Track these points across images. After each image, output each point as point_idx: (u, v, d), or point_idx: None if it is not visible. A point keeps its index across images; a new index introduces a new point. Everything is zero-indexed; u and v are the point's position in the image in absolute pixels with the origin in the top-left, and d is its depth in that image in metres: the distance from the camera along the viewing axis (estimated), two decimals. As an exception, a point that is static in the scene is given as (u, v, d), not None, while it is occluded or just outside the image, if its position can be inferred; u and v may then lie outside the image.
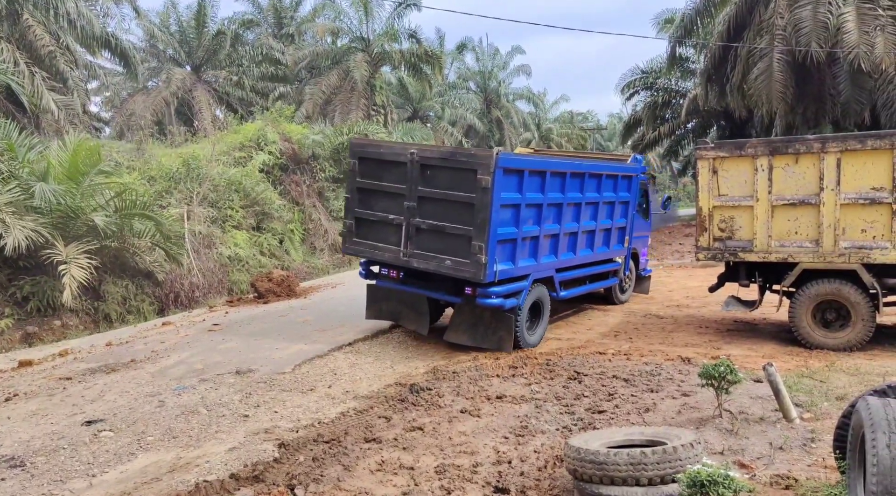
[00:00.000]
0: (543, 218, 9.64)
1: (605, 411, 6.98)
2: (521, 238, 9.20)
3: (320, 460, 5.79)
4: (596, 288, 12.19)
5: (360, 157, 9.96)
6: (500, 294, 9.04)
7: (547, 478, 5.38)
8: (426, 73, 31.29)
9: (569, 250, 10.58)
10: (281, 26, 35.54)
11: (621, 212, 12.06)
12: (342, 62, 30.22)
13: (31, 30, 17.48)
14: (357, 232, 10.09)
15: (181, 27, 32.49)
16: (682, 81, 33.09)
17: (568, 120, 55.82)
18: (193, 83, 31.03)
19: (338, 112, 29.24)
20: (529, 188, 9.22)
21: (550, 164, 9.96)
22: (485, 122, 41.10)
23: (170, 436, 6.47)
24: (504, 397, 7.52)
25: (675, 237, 27.24)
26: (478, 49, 41.92)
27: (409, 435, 6.40)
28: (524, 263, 9.46)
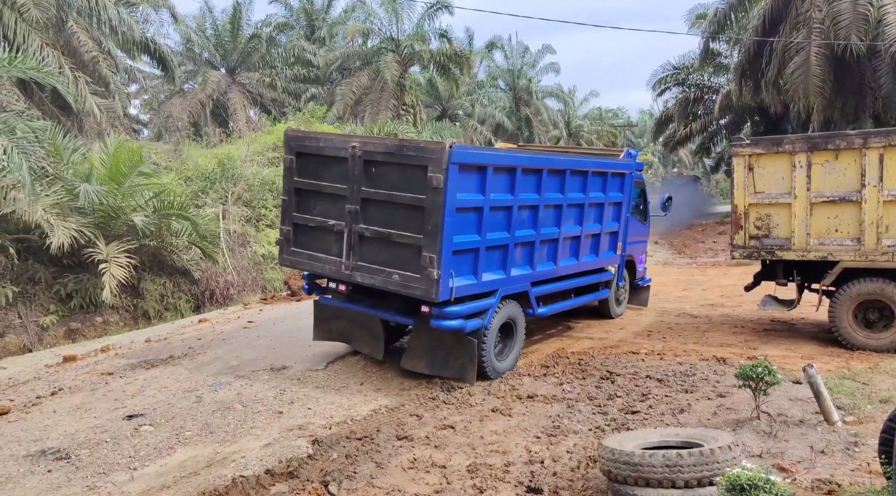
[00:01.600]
0: (514, 223, 8.18)
1: (639, 412, 6.92)
2: (484, 247, 7.77)
3: (353, 457, 5.85)
4: (584, 302, 10.51)
5: (297, 152, 8.45)
6: (460, 314, 7.57)
7: (580, 479, 5.35)
8: (455, 72, 31.32)
9: (548, 260, 9.08)
10: (313, 29, 35.90)
11: (612, 214, 10.47)
12: (372, 63, 30.44)
13: (76, 36, 17.94)
14: (295, 240, 8.62)
15: (217, 31, 33.06)
16: (715, 77, 32.57)
17: (597, 117, 55.32)
18: (228, 85, 31.55)
19: (368, 112, 29.45)
20: (495, 188, 7.79)
21: (521, 159, 8.45)
22: (514, 120, 40.93)
23: (207, 432, 6.59)
24: (535, 397, 7.50)
25: (709, 235, 26.84)
26: (507, 47, 41.76)
27: (441, 433, 6.42)
28: (490, 277, 8.00)
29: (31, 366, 9.20)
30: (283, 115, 29.40)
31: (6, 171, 10.17)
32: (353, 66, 31.73)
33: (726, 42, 27.97)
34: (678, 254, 23.07)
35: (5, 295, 10.77)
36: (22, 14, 15.55)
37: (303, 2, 36.01)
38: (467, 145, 8.44)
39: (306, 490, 5.17)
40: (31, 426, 6.70)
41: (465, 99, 37.91)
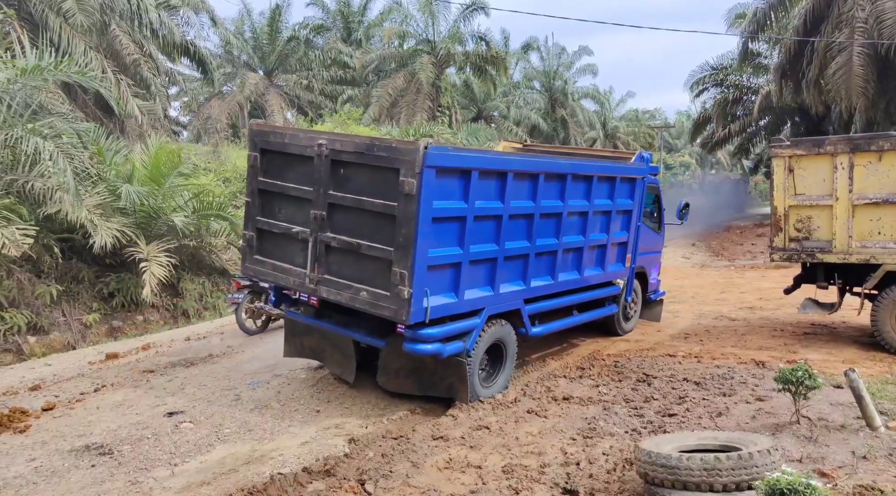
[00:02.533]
0: (504, 234, 7.34)
1: (676, 414, 6.85)
2: (468, 261, 6.93)
3: (389, 456, 5.90)
4: (588, 319, 9.53)
5: (262, 148, 7.63)
6: (436, 337, 6.74)
7: (616, 481, 5.32)
8: (491, 73, 31.32)
9: (545, 274, 8.26)
10: (349, 31, 36.24)
11: (621, 223, 9.61)
12: (408, 65, 30.61)
13: (118, 39, 18.38)
14: (259, 247, 7.80)
15: (255, 33, 33.60)
16: (754, 77, 31.99)
17: (634, 118, 54.79)
18: (266, 87, 32.03)
19: (403, 114, 29.62)
20: (481, 195, 6.93)
21: (511, 162, 7.48)
22: (549, 122, 40.75)
23: (245, 429, 6.72)
24: (571, 398, 7.47)
25: (747, 237, 26.36)
26: (543, 48, 41.60)
27: (476, 433, 6.44)
28: (475, 294, 7.16)
29: (75, 363, 9.48)
30: (319, 117, 29.73)
31: (52, 173, 10.48)
32: (388, 68, 31.95)
33: (766, 42, 27.47)
34: (716, 257, 22.71)
35: (50, 293, 11.09)
36: (67, 19, 16.00)
37: (339, 4, 36.39)
38: (447, 146, 7.36)
39: (343, 488, 5.24)
40: (76, 422, 6.90)
41: (500, 100, 37.88)
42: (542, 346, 9.74)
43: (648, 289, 11.22)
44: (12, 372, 9.09)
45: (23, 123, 10.33)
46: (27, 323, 10.54)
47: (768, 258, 10.48)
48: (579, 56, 42.46)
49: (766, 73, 30.36)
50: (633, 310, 10.99)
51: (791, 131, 30.75)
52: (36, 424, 6.79)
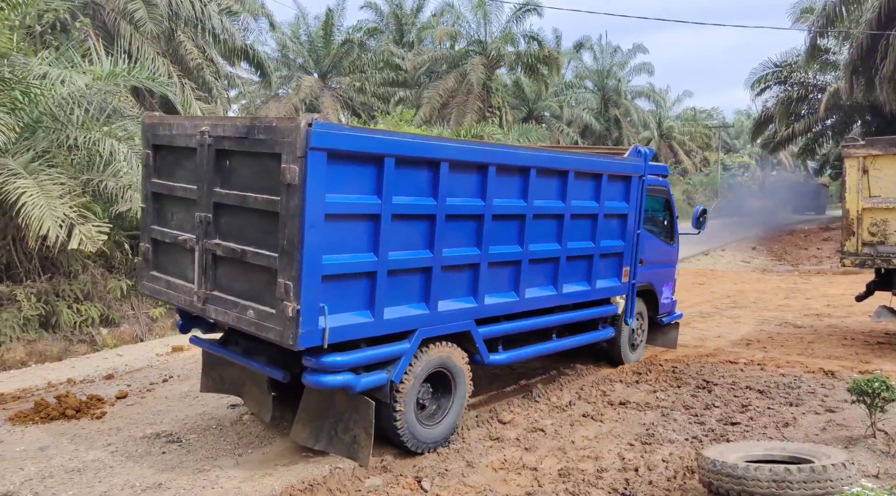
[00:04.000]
0: (440, 238, 5.92)
1: (739, 423, 6.67)
2: (385, 271, 5.52)
3: (444, 455, 5.93)
4: (573, 344, 7.98)
5: (153, 144, 6.42)
6: (344, 366, 5.38)
7: (677, 489, 5.21)
8: (543, 73, 31.10)
9: (506, 289, 6.81)
10: (402, 33, 36.53)
11: (613, 230, 8.07)
12: (459, 66, 30.66)
13: (183, 45, 19.01)
14: (155, 260, 6.58)
15: (310, 37, 34.19)
16: (821, 74, 30.83)
17: (691, 117, 53.56)
18: (321, 90, 32.55)
19: (454, 115, 29.69)
20: (402, 188, 5.57)
21: (445, 149, 5.97)
22: (602, 121, 40.21)
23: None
24: (628, 403, 7.35)
25: (812, 241, 25.46)
26: (596, 47, 41.11)
27: (531, 436, 6.40)
28: (400, 313, 5.75)
29: (144, 354, 9.81)
30: (372, 118, 30.06)
31: (124, 173, 10.89)
32: (440, 70, 32.07)
33: (835, 37, 26.45)
34: (778, 261, 22.01)
35: (120, 288, 11.51)
36: (138, 28, 16.62)
37: (392, 6, 36.71)
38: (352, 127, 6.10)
39: (400, 484, 5.28)
40: (147, 410, 7.15)
41: (552, 100, 37.56)
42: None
43: (660, 310, 9.44)
44: (87, 361, 9.49)
45: (99, 126, 10.76)
46: (100, 315, 10.96)
47: (837, 263, 10.10)
48: (633, 54, 41.79)
49: (834, 70, 29.25)
50: (639, 337, 9.22)
51: (861, 130, 29.51)
52: (111, 411, 7.06)
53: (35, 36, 13.74)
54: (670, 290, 9.74)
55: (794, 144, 35.01)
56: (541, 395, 7.60)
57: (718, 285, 16.63)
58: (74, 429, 6.55)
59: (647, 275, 8.89)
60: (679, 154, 48.57)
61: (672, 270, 9.87)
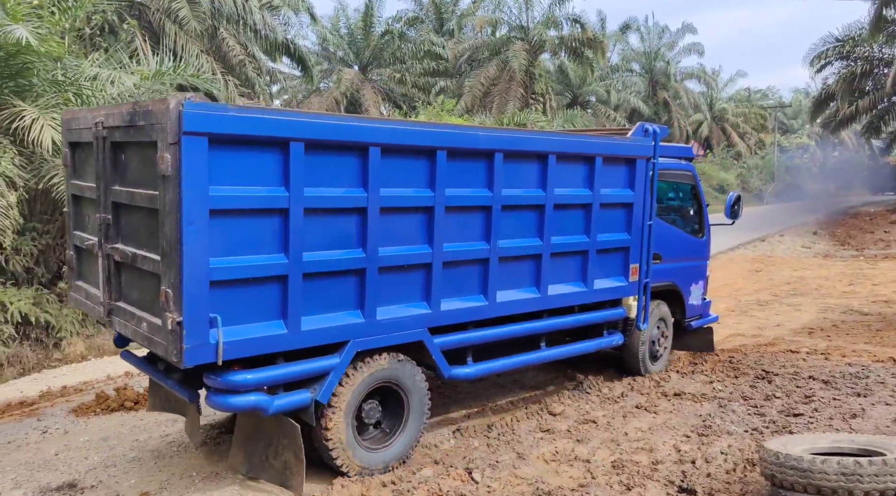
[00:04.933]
0: (374, 235, 5.11)
1: (802, 414, 6.40)
2: (299, 275, 4.77)
3: (494, 447, 5.84)
4: (568, 353, 7.01)
5: (70, 142, 5.75)
6: (251, 384, 4.68)
7: (737, 482, 5.02)
8: (588, 57, 30.53)
9: (470, 292, 5.88)
10: (442, 22, 36.35)
11: (616, 221, 7.02)
12: (501, 53, 30.35)
13: (225, 41, 19.29)
14: (78, 269, 5.93)
15: (350, 29, 34.31)
16: (887, 47, 29.34)
17: (745, 98, 51.97)
18: (361, 82, 32.66)
19: (496, 103, 29.41)
20: (316, 177, 4.79)
21: (371, 131, 5.03)
22: (650, 105, 39.34)
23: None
24: (683, 394, 7.13)
25: (879, 224, 24.45)
26: (643, 28, 40.19)
27: (583, 427, 6.26)
28: (325, 322, 4.99)
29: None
30: (413, 109, 30.04)
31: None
32: (481, 58, 31.81)
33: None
34: (841, 246, 21.17)
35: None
36: (183, 26, 16.90)
37: (432, -5, 36.56)
38: (246, 106, 5.41)
39: (451, 475, 5.21)
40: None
41: (597, 85, 36.91)
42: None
43: (687, 313, 8.28)
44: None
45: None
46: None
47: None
48: (682, 35, 40.76)
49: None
50: (661, 345, 8.08)
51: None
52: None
53: (85, 38, 14.10)
54: (701, 290, 8.49)
55: (857, 123, 33.52)
56: (592, 387, 7.43)
57: (777, 272, 16.08)
58: (134, 420, 6.72)
59: (668, 272, 7.79)
60: (732, 137, 47.21)
61: (702, 267, 8.55)
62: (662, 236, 7.60)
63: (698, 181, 8.39)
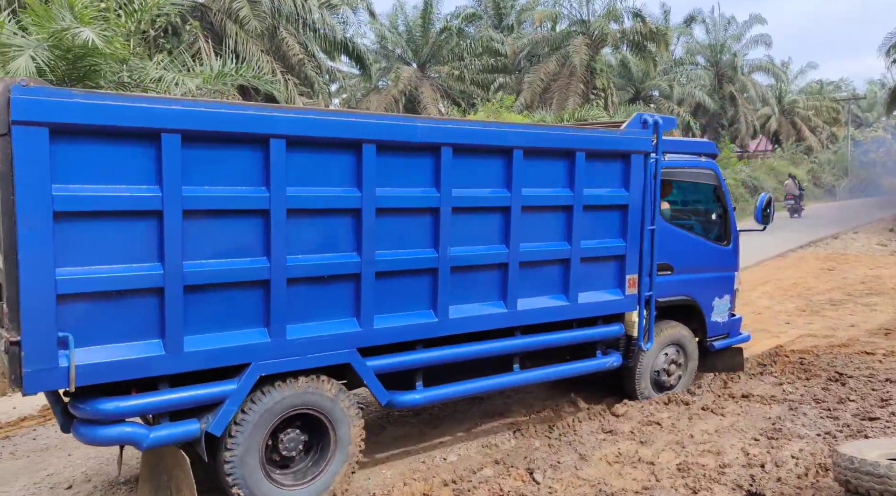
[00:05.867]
0: (279, 240, 4.44)
1: (879, 419, 6.10)
2: (179, 287, 4.14)
3: (556, 447, 5.75)
4: (547, 377, 6.21)
5: None
6: (123, 414, 4.16)
7: (809, 488, 4.81)
8: (650, 51, 29.85)
9: (418, 306, 5.17)
10: (500, 17, 36.15)
11: (608, 226, 6.13)
12: (561, 48, 29.99)
13: (285, 41, 19.67)
14: None
15: (408, 27, 34.49)
16: (970, 35, 27.70)
17: (816, 90, 49.85)
18: (420, 80, 32.80)
19: (556, 98, 29.08)
20: (205, 174, 4.19)
21: (277, 122, 4.35)
22: (715, 99, 38.18)
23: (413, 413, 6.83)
24: (751, 396, 6.88)
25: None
26: (708, 20, 39.03)
27: (646, 429, 6.10)
28: (216, 341, 4.34)
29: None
30: (472, 106, 29.99)
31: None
32: (540, 53, 31.50)
33: None
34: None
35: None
36: (243, 26, 17.33)
37: (490, -10, 36.41)
38: (94, 92, 4.45)
39: (511, 475, 5.17)
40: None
41: (660, 79, 36.05)
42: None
43: (708, 331, 7.26)
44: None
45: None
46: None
47: None
48: (750, 26, 39.39)
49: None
50: (671, 374, 7.02)
51: None
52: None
53: (149, 40, 14.60)
54: (727, 305, 7.35)
55: (934, 113, 31.74)
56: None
57: (850, 270, 15.37)
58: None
59: (682, 285, 6.83)
60: (803, 130, 45.40)
61: (729, 279, 7.38)
62: (674, 243, 6.71)
63: (722, 181, 7.31)
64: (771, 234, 10.19)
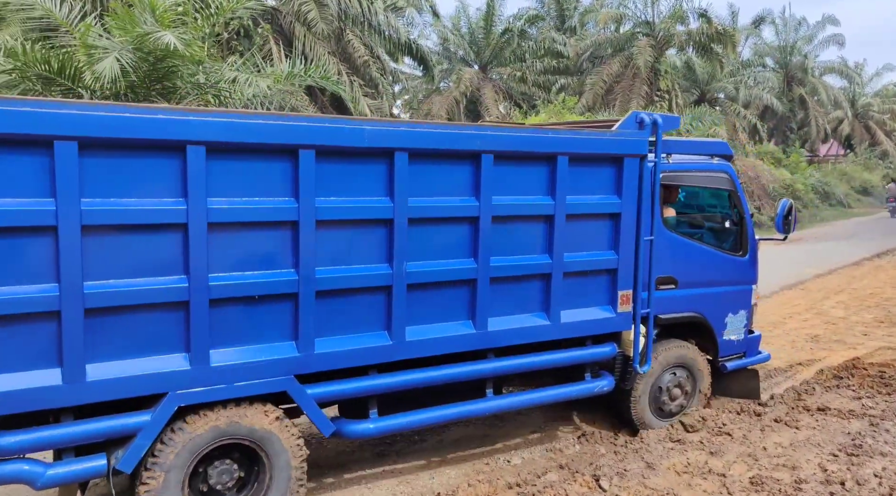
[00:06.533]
0: (199, 255, 4.04)
1: (970, 439, 5.72)
2: (80, 308, 3.78)
3: (622, 455, 5.64)
4: (526, 403, 5.63)
5: None
6: (13, 450, 3.84)
7: (895, 510, 4.56)
8: (717, 52, 29.08)
9: (369, 327, 4.70)
10: (563, 19, 35.85)
11: (596, 236, 5.54)
12: (625, 49, 29.54)
13: (350, 43, 19.97)
14: None
15: (471, 28, 34.55)
16: None
17: (892, 93, 47.61)
18: (481, 81, 32.80)
19: (618, 100, 28.62)
20: (106, 184, 3.80)
21: (192, 126, 3.93)
22: (784, 102, 36.89)
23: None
24: (827, 410, 6.59)
25: None
26: (778, 21, 37.76)
27: (717, 439, 5.91)
28: (127, 368, 3.96)
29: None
30: (532, 108, 29.81)
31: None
32: (604, 54, 31.10)
33: None
34: None
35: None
36: (311, 28, 17.68)
37: (554, -8, 36.13)
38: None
39: (577, 482, 5.09)
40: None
41: (727, 81, 35.06)
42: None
43: (720, 351, 6.57)
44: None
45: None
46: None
47: None
48: (822, 27, 37.96)
49: None
50: (674, 399, 6.33)
51: None
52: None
53: (222, 42, 15.06)
54: (742, 322, 6.64)
55: None
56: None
57: (932, 281, 14.55)
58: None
59: (688, 300, 6.19)
60: (877, 135, 43.40)
61: (744, 293, 6.66)
62: (679, 255, 6.06)
63: (738, 185, 6.53)
64: (848, 241, 9.70)
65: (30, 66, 8.97)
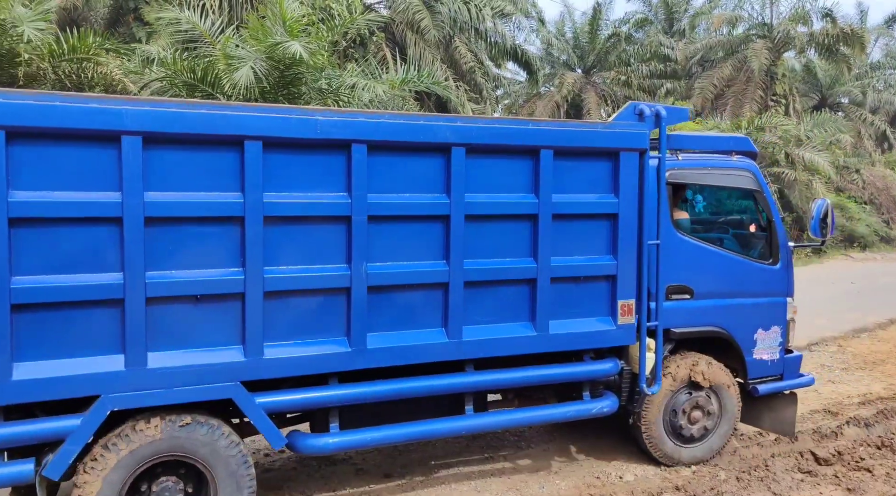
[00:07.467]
0: (134, 250, 3.85)
1: None
2: (6, 305, 3.63)
3: (745, 482, 5.40)
4: (509, 424, 5.33)
5: None
6: None
7: None
8: (843, 54, 27.32)
9: (326, 333, 4.40)
10: (671, 22, 34.80)
11: (592, 239, 5.09)
12: (738, 52, 28.29)
13: (457, 50, 20.21)
14: None
15: (575, 33, 34.17)
16: None
17: None
18: (583, 85, 32.35)
19: (730, 105, 27.48)
20: (35, 176, 3.67)
21: (124, 116, 3.77)
22: (919, 107, 34.16)
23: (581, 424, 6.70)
24: (981, 450, 6.02)
25: None
26: (914, 20, 34.92)
27: (854, 475, 5.55)
28: (53, 369, 3.77)
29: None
30: (637, 112, 29.05)
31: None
32: (714, 58, 29.93)
33: None
34: None
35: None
36: (423, 35, 18.04)
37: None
38: None
39: (700, 508, 4.92)
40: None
41: (852, 84, 32.87)
42: None
43: (749, 372, 5.83)
44: None
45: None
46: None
47: None
48: (966, 24, 34.74)
49: None
50: (694, 422, 5.67)
51: None
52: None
53: (339, 50, 15.61)
54: (777, 339, 5.86)
55: None
56: (866, 427, 6.56)
57: None
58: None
59: (707, 313, 5.58)
60: None
61: (777, 307, 5.90)
62: (695, 261, 5.53)
63: (764, 186, 5.88)
64: None
65: (177, 74, 9.73)
